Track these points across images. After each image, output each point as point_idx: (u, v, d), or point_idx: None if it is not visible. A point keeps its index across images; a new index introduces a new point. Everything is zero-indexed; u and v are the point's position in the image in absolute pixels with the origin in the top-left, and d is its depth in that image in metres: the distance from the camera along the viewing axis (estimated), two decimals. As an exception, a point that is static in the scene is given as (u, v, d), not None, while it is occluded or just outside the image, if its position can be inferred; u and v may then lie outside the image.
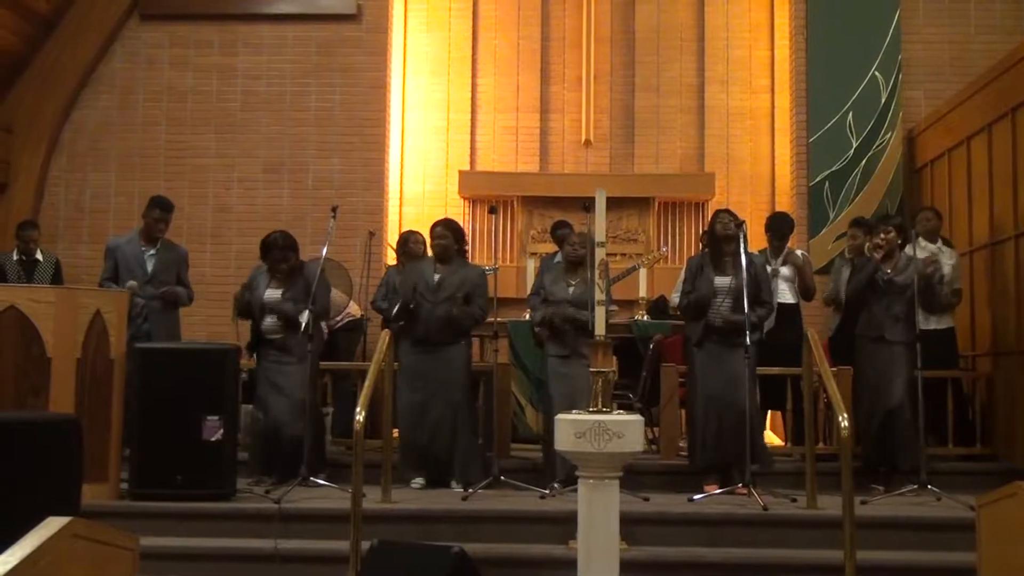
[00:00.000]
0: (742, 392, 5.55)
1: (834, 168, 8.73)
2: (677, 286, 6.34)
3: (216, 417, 5.38)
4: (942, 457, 6.43)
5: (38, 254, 7.45)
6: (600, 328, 3.95)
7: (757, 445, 5.73)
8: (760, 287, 5.87)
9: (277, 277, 6.07)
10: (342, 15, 9.05)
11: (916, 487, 5.55)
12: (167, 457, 5.32)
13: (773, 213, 7.77)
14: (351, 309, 7.59)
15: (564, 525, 4.76)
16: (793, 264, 6.81)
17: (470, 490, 5.60)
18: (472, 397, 6.23)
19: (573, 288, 6.02)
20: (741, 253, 5.72)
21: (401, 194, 9.34)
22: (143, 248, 6.61)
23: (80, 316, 5.27)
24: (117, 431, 5.43)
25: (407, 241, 7.06)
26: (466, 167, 9.29)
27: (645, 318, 7.35)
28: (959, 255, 7.01)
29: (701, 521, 5.15)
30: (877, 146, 8.72)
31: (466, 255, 6.36)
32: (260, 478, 5.89)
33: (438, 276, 6.08)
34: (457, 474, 5.92)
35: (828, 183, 8.74)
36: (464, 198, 9.22)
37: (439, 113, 9.43)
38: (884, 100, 8.74)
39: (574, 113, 9.39)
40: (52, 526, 2.49)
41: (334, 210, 6.32)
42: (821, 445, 6.34)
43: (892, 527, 5.06)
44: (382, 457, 5.57)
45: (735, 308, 5.70)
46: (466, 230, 7.73)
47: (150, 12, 9.11)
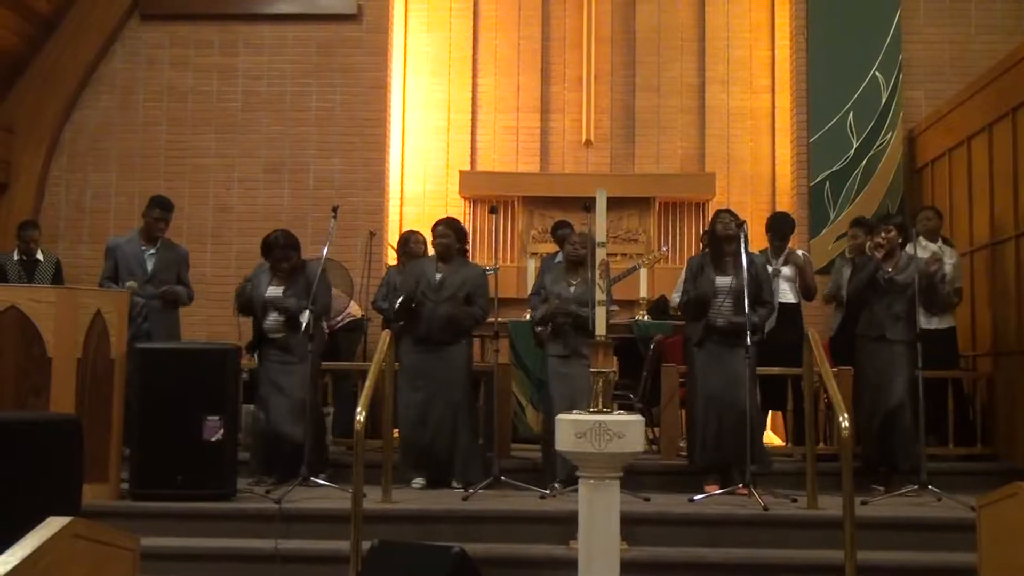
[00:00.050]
0: (742, 392, 5.54)
1: (835, 168, 8.73)
2: (678, 286, 6.35)
3: (216, 417, 5.38)
4: (942, 457, 6.42)
5: (39, 254, 7.45)
6: (600, 328, 3.94)
7: (756, 445, 5.73)
8: (761, 287, 5.86)
9: (279, 276, 6.08)
10: (342, 15, 9.05)
11: (916, 487, 5.55)
12: (167, 457, 5.32)
13: (774, 213, 7.77)
14: (352, 309, 7.59)
15: (565, 525, 4.75)
16: (794, 264, 6.80)
17: (470, 490, 5.60)
18: (473, 397, 6.23)
19: (574, 288, 6.01)
20: (742, 253, 5.71)
21: (402, 194, 9.34)
22: (143, 248, 6.62)
23: (81, 316, 5.28)
24: (117, 431, 5.43)
25: (408, 241, 7.07)
26: (467, 167, 9.28)
27: (646, 318, 7.35)
28: (960, 255, 7.02)
29: (701, 521, 5.14)
30: (878, 146, 8.71)
31: (467, 255, 6.37)
32: (261, 478, 5.89)
33: (440, 275, 6.08)
34: (458, 474, 5.92)
35: (829, 183, 8.73)
36: (465, 198, 9.22)
37: (440, 113, 9.42)
38: (885, 100, 8.73)
39: (575, 113, 9.38)
40: (53, 526, 2.49)
41: (335, 210, 6.32)
42: (822, 445, 6.33)
43: (892, 527, 5.06)
44: (383, 457, 5.57)
45: (736, 308, 5.69)
46: (467, 230, 7.72)
47: (150, 12, 9.11)
